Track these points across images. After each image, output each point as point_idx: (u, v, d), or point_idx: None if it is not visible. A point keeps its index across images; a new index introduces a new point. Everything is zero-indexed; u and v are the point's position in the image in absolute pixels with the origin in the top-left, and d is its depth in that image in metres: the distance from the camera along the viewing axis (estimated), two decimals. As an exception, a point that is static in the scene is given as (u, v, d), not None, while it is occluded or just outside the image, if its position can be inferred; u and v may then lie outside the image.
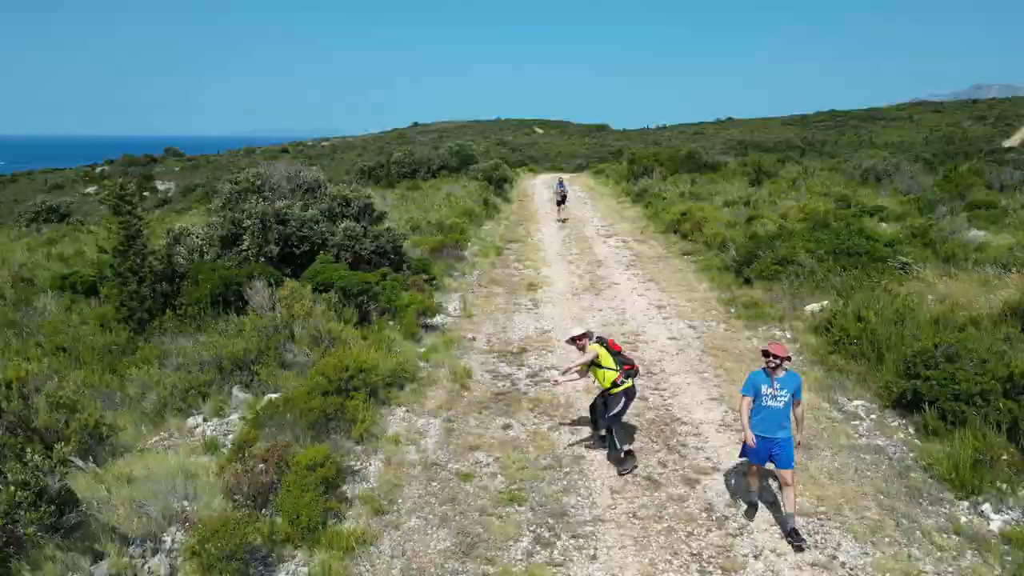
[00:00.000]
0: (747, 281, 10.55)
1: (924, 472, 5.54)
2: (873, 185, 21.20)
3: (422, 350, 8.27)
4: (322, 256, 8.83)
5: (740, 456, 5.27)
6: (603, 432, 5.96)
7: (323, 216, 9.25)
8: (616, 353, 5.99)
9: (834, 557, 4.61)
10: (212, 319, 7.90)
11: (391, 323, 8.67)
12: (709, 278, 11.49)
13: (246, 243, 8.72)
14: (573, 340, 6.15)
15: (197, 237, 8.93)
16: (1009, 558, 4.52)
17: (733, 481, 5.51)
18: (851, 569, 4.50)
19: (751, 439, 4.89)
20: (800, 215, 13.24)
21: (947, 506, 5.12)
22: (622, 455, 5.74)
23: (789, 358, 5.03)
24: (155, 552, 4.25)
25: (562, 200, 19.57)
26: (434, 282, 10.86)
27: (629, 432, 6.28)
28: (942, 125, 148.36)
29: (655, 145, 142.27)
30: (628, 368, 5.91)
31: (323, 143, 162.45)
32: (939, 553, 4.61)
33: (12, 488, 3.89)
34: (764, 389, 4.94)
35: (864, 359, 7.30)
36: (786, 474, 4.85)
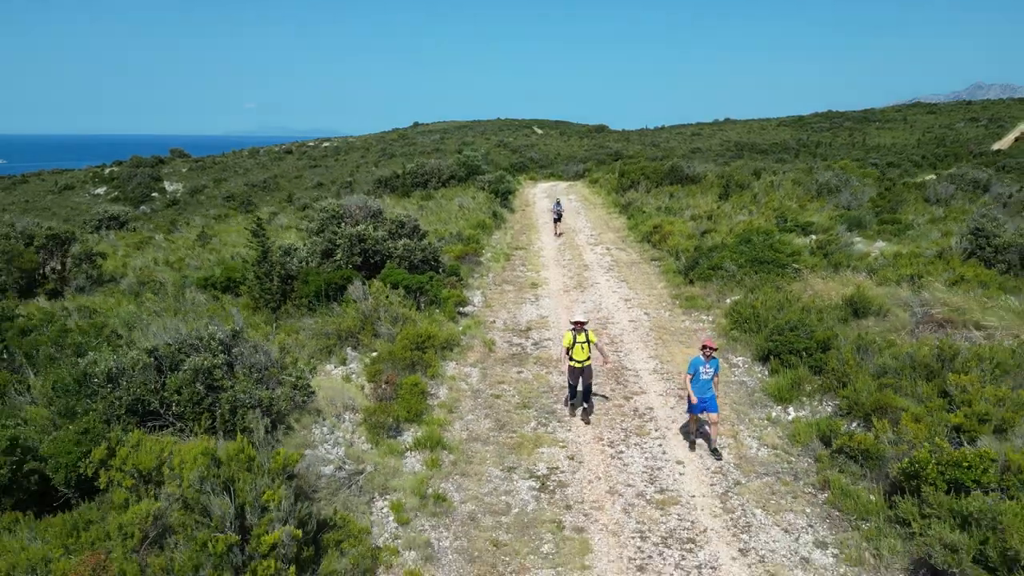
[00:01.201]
0: (691, 281, 14.68)
1: (763, 393, 9.67)
2: (823, 200, 25.28)
3: (460, 328, 12.38)
4: (389, 264, 12.94)
5: (687, 412, 8.47)
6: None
7: (388, 235, 13.35)
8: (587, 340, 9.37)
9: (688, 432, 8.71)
10: (319, 307, 11.99)
11: (436, 310, 12.76)
12: (666, 279, 15.64)
13: (339, 255, 12.82)
14: (573, 326, 9.61)
15: (304, 250, 13.02)
16: (790, 428, 8.63)
17: (661, 413, 9.63)
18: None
19: (694, 398, 8.28)
20: (742, 229, 17.36)
21: (768, 409, 9.24)
22: (569, 402, 9.36)
23: (716, 348, 8.74)
24: (341, 421, 8.35)
25: (558, 218, 23.15)
26: (462, 281, 14.96)
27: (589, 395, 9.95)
28: (935, 127, 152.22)
29: (653, 147, 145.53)
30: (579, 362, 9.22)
31: (324, 143, 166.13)
32: (754, 427, 8.73)
33: (291, 385, 7.95)
34: (700, 368, 8.31)
35: (750, 332, 11.42)
36: (713, 416, 8.28)
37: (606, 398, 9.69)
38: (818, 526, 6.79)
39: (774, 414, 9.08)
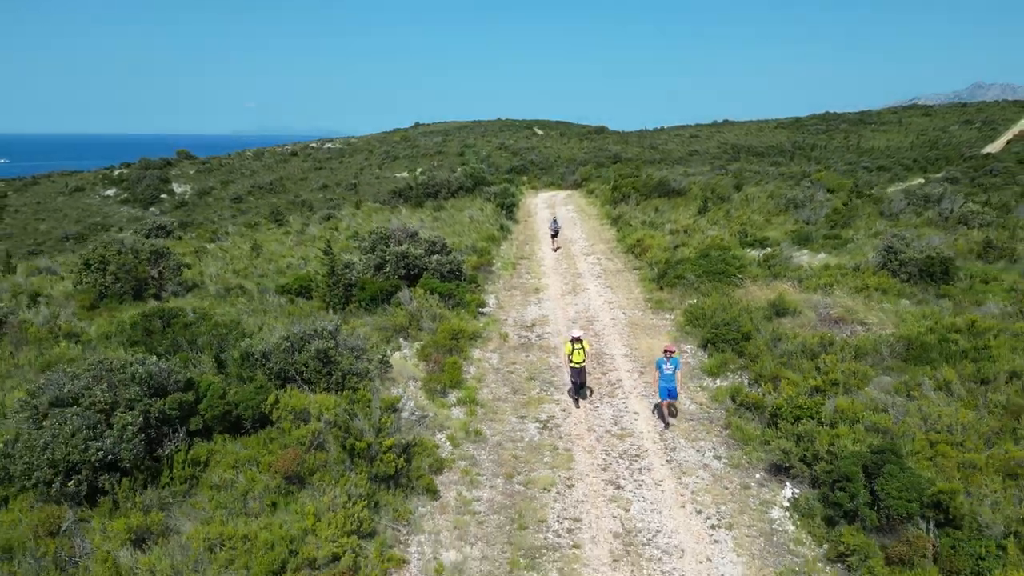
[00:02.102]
0: (661, 288, 18.78)
1: (700, 370, 13.76)
2: (787, 215, 29.36)
3: (481, 324, 16.47)
4: (426, 275, 17.03)
5: (661, 397, 12.65)
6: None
7: (424, 252, 17.43)
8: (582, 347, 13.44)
9: (644, 396, 12.79)
10: (375, 309, 16.07)
11: (463, 311, 16.85)
12: (642, 286, 19.74)
13: (388, 268, 16.90)
14: (572, 340, 13.67)
15: (360, 265, 17.09)
16: (714, 391, 12.71)
17: (631, 397, 13.73)
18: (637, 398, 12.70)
19: (655, 388, 12.39)
20: (706, 244, 21.45)
21: (702, 380, 13.34)
22: (573, 393, 13.44)
23: (674, 351, 12.69)
24: (407, 386, 12.45)
25: (555, 234, 26.66)
26: (480, 288, 19.06)
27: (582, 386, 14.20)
28: (930, 129, 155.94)
29: (651, 149, 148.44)
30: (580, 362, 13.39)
31: (327, 144, 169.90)
32: (689, 392, 12.82)
33: (378, 360, 12.03)
34: (663, 366, 12.33)
35: (699, 327, 15.52)
36: (672, 400, 12.40)
37: (588, 373, 13.80)
38: (718, 448, 10.89)
39: (705, 383, 13.18)
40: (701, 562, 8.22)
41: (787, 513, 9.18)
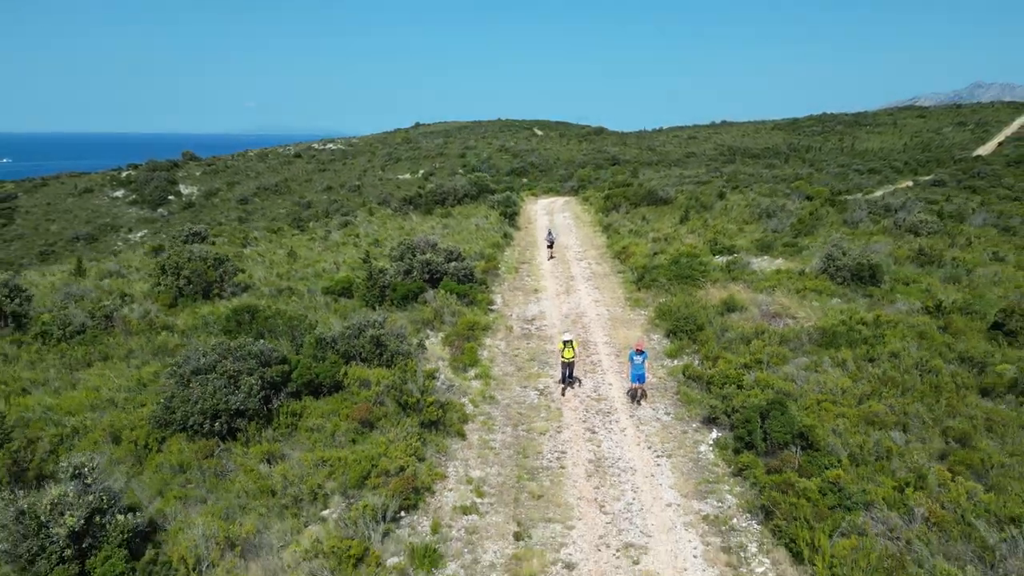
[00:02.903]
0: (639, 289, 22.91)
1: (663, 353, 17.90)
2: (758, 223, 33.48)
3: (490, 319, 20.59)
4: (446, 279, 21.15)
5: (632, 381, 16.81)
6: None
7: (444, 260, 21.55)
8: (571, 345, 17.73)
9: (617, 372, 16.93)
10: (405, 306, 20.18)
11: (476, 308, 20.97)
12: (624, 287, 23.86)
13: (415, 273, 21.02)
14: (564, 342, 17.87)
15: (392, 271, 21.20)
16: (670, 368, 16.84)
17: (607, 379, 17.89)
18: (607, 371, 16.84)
19: (627, 374, 16.53)
20: (679, 252, 25.56)
21: (663, 361, 17.48)
22: (561, 384, 17.61)
23: (644, 347, 16.72)
24: (439, 364, 16.57)
25: (551, 244, 30.62)
26: (488, 288, 23.18)
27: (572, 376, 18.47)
28: (924, 131, 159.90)
29: (649, 151, 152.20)
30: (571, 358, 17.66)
31: (329, 144, 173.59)
32: (653, 370, 16.96)
33: (417, 344, 16.14)
34: (634, 358, 16.41)
35: (665, 320, 19.65)
36: (642, 386, 16.50)
37: (576, 355, 17.93)
38: (669, 407, 15.02)
39: (665, 363, 17.32)
40: (647, 477, 12.34)
41: (711, 447, 13.31)
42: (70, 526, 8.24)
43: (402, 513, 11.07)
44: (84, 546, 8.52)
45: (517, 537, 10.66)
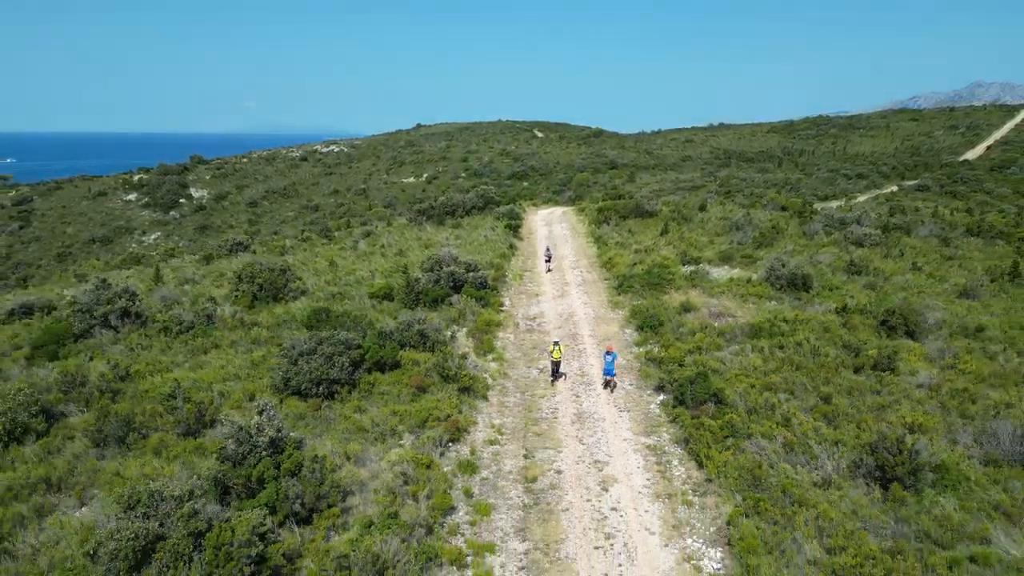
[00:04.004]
0: (619, 294, 29.30)
1: (632, 343, 24.31)
2: (727, 236, 39.80)
3: (501, 317, 26.98)
4: (466, 286, 27.52)
5: (603, 374, 23.10)
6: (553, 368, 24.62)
7: (464, 270, 27.93)
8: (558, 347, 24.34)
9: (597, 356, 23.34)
10: (435, 307, 26.56)
11: (490, 308, 27.37)
12: (608, 292, 30.24)
13: (442, 281, 27.39)
14: (554, 343, 24.24)
15: (424, 280, 27.55)
16: (638, 353, 23.26)
17: (590, 365, 24.33)
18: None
19: (600, 369, 22.86)
20: (653, 262, 31.92)
21: (632, 348, 23.90)
22: (551, 378, 23.97)
23: (613, 349, 22.86)
24: (466, 351, 22.96)
25: (549, 259, 36.77)
26: (498, 293, 29.57)
27: (560, 372, 24.93)
28: (916, 134, 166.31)
29: (647, 154, 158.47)
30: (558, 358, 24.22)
31: (331, 146, 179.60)
32: (624, 355, 23.37)
33: (451, 336, 22.50)
34: (606, 357, 22.69)
35: (636, 319, 26.05)
36: (611, 377, 22.71)
37: (567, 344, 24.34)
38: (632, 380, 21.41)
39: (633, 350, 23.71)
40: (612, 423, 18.71)
41: (658, 406, 19.69)
42: (270, 436, 14.59)
43: (451, 443, 17.46)
44: (273, 450, 14.85)
45: (525, 457, 17.07)
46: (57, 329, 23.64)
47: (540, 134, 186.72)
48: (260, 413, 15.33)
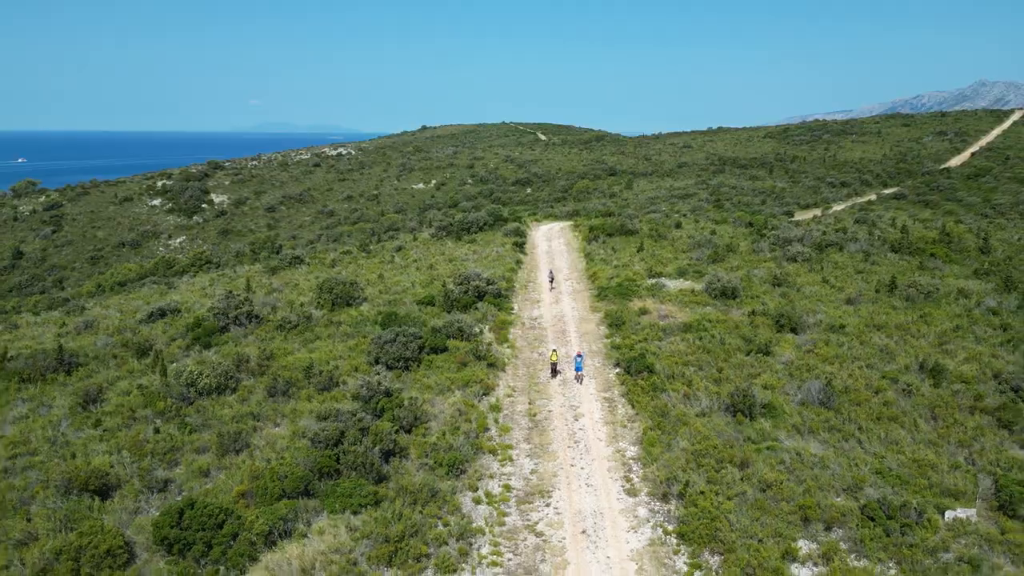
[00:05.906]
0: (598, 301, 41.62)
1: (603, 336, 36.67)
2: (690, 252, 51.89)
3: (512, 318, 39.35)
4: (487, 296, 39.83)
5: (575, 370, 35.25)
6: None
7: (485, 283, 40.17)
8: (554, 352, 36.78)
9: (578, 344, 35.71)
10: (465, 311, 38.91)
11: (503, 312, 39.73)
12: (591, 300, 42.59)
13: (469, 292, 39.65)
14: (552, 350, 36.57)
15: (456, 291, 39.76)
16: (607, 343, 35.62)
17: (566, 361, 36.78)
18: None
19: (572, 367, 35.06)
20: (625, 276, 44.17)
21: (603, 339, 36.28)
22: (550, 377, 36.25)
23: (582, 353, 35.30)
24: (491, 341, 35.35)
25: (552, 279, 49.17)
26: (509, 300, 41.93)
27: (555, 369, 37.32)
28: (905, 140, 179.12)
29: (645, 160, 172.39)
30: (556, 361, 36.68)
31: (340, 148, 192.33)
32: (595, 345, 35.72)
33: (481, 330, 34.85)
34: (576, 358, 34.80)
35: (608, 319, 38.38)
36: (580, 373, 34.79)
37: (558, 337, 36.67)
38: (600, 360, 33.75)
39: (604, 341, 36.05)
40: (585, 385, 31.06)
41: (614, 375, 31.98)
42: (385, 387, 26.89)
43: (483, 395, 29.78)
44: (385, 394, 27.13)
45: (529, 403, 29.45)
46: (209, 326, 36.02)
47: (543, 137, 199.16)
48: (376, 375, 27.74)
